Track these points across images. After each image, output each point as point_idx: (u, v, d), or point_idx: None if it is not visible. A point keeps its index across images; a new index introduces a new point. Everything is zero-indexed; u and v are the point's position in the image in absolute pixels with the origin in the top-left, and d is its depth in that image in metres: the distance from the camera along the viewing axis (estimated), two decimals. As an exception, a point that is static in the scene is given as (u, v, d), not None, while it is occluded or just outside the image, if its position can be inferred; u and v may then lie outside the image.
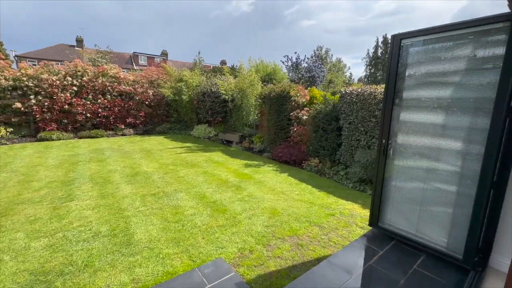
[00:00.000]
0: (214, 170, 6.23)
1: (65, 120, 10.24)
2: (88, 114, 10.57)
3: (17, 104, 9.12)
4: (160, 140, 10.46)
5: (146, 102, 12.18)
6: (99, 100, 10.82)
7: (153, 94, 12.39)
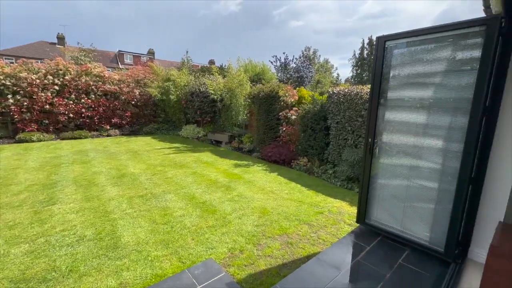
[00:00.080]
0: (204, 170, 6.18)
1: (46, 121, 9.83)
2: (71, 115, 10.20)
3: (-7, 104, 8.70)
4: (148, 140, 10.25)
5: (133, 102, 11.90)
6: (82, 100, 10.47)
7: (140, 94, 12.13)
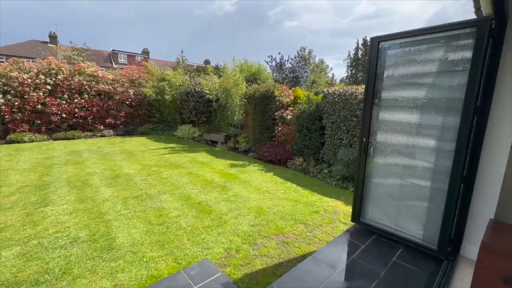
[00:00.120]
0: (199, 170, 6.16)
1: (38, 121, 9.66)
2: (63, 115, 10.05)
3: (-18, 104, 8.51)
4: (142, 141, 10.16)
5: (127, 102, 11.78)
6: (75, 100, 10.32)
7: (134, 94, 12.01)
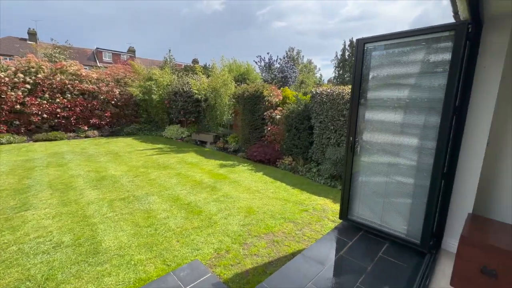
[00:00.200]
0: (188, 171, 6.09)
1: (16, 122, 9.23)
2: (44, 115, 9.65)
3: (-45, 104, 8.04)
4: (129, 141, 9.92)
5: (112, 102, 11.47)
6: (57, 100, 9.94)
7: (120, 93, 11.71)
